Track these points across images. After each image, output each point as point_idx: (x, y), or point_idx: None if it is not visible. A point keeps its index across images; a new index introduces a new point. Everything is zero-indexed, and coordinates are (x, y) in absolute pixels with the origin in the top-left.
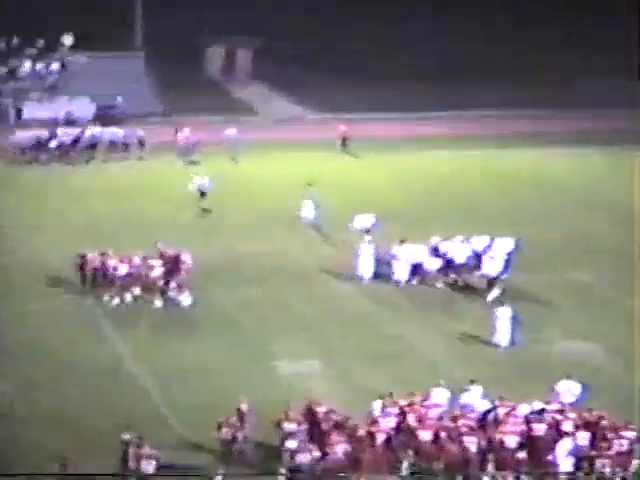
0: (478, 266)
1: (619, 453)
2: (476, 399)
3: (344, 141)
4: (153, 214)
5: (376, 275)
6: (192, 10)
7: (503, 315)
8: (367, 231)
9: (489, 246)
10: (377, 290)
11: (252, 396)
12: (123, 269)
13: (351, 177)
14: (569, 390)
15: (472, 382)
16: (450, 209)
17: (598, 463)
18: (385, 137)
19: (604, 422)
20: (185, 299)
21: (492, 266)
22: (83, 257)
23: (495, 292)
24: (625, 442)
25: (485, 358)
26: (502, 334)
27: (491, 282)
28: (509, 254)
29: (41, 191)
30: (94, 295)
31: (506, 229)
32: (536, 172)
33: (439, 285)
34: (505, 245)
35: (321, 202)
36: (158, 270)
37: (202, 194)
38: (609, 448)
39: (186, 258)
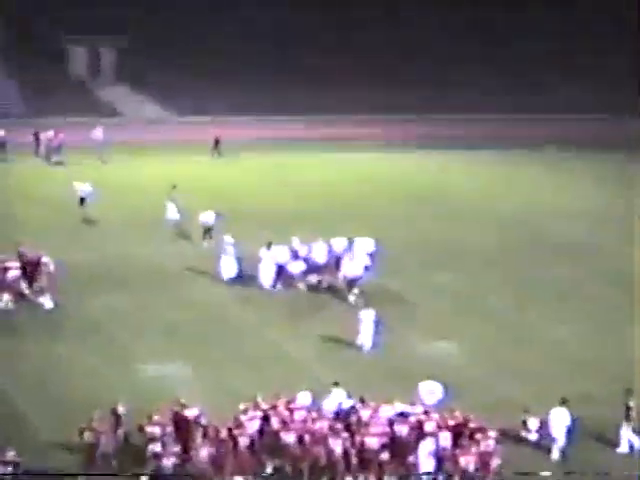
0: (339, 268)
1: (482, 453)
2: (339, 401)
3: (216, 143)
4: (19, 216)
5: (241, 277)
6: (53, 9)
7: (367, 318)
8: (209, 228)
9: (349, 248)
10: (243, 293)
11: (117, 399)
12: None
13: (220, 179)
14: (431, 391)
15: (336, 384)
16: (318, 211)
17: (463, 461)
18: (258, 139)
19: (469, 423)
20: (46, 302)
21: (352, 267)
22: None
23: (355, 292)
24: (490, 442)
25: (349, 361)
26: (365, 337)
27: (351, 283)
28: (370, 255)
29: None
30: None
31: (369, 232)
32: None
33: (301, 287)
34: (365, 246)
35: (189, 204)
36: (13, 272)
37: (82, 200)
38: (472, 447)
39: (46, 261)
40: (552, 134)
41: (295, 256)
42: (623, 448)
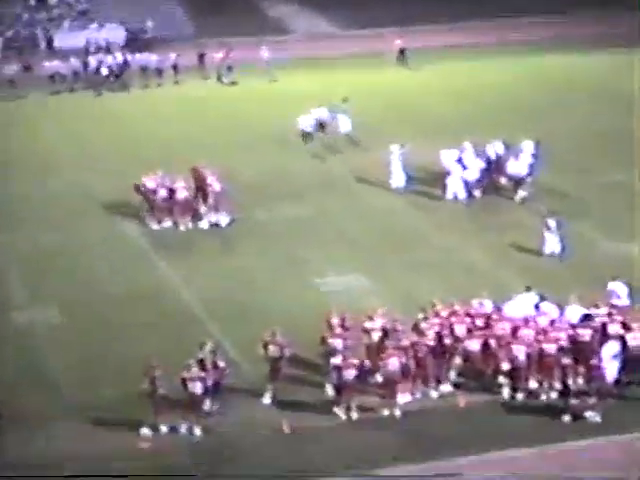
0: (502, 170)
1: None
2: (528, 307)
3: (401, 53)
4: (200, 138)
5: (411, 185)
6: None
7: (552, 225)
8: (322, 124)
9: (513, 149)
10: (415, 201)
11: (296, 313)
12: (162, 193)
13: (394, 90)
14: (616, 292)
15: (528, 289)
16: (487, 117)
17: None
18: (429, 48)
19: None
20: (222, 219)
21: (517, 167)
22: (140, 184)
23: (522, 194)
24: None
25: (531, 266)
26: (553, 243)
27: (518, 184)
28: (533, 155)
29: (79, 118)
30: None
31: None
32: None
33: (477, 194)
34: (528, 147)
35: (360, 115)
36: (182, 193)
37: (322, 126)
38: None
39: (211, 180)
40: None
41: (469, 161)
42: None
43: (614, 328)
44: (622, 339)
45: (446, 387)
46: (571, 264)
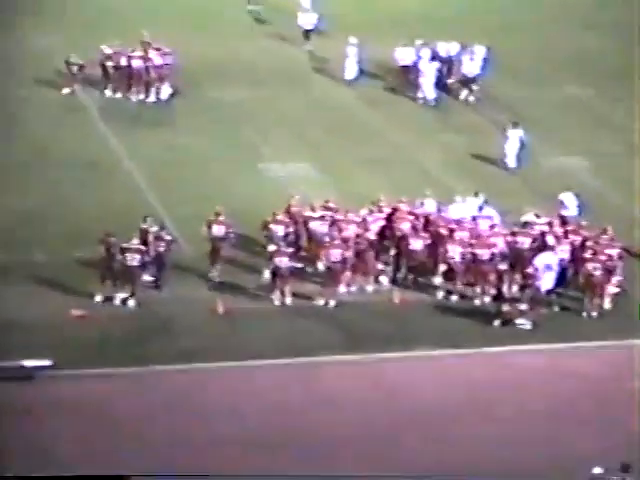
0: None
1: (606, 262)
2: (470, 210)
3: None
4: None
5: (364, 78)
6: None
7: (513, 136)
8: (308, 31)
9: (466, 50)
10: (367, 94)
11: (241, 196)
12: (122, 61)
13: None
14: (565, 202)
15: (476, 194)
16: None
17: (589, 266)
18: None
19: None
20: (164, 90)
21: (470, 66)
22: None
23: (466, 93)
24: (614, 253)
25: (482, 173)
26: (511, 155)
27: (466, 83)
28: (484, 59)
29: None
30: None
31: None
32: None
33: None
34: (480, 51)
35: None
36: (137, 62)
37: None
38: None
39: (154, 54)
40: None
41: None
42: None
43: (551, 239)
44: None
45: (383, 282)
46: (522, 174)
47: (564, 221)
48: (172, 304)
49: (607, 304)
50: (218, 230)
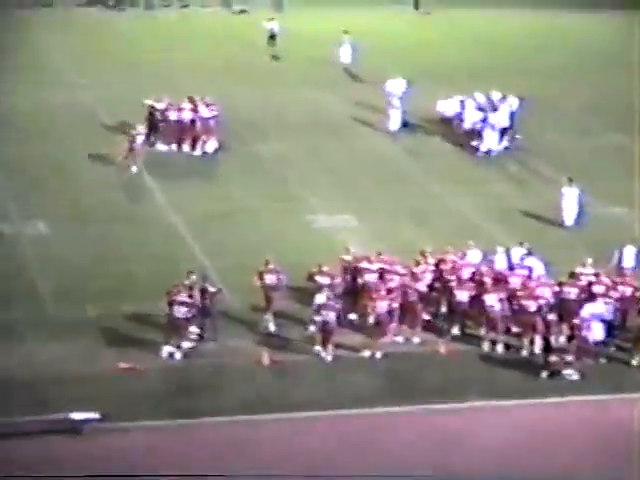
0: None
1: None
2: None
3: None
4: (213, 61)
5: (407, 129)
6: None
7: (570, 194)
8: (273, 35)
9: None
10: (409, 145)
11: (288, 248)
12: (173, 116)
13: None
14: (625, 254)
15: (521, 244)
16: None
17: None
18: None
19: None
20: (210, 145)
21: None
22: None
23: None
24: None
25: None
26: (568, 213)
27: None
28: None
29: (93, 34)
30: None
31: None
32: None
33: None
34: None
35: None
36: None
37: (272, 37)
38: None
39: (203, 108)
40: None
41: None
42: None
43: (599, 288)
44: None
45: (430, 334)
46: (573, 229)
47: (620, 273)
48: (218, 356)
49: None
50: (270, 279)
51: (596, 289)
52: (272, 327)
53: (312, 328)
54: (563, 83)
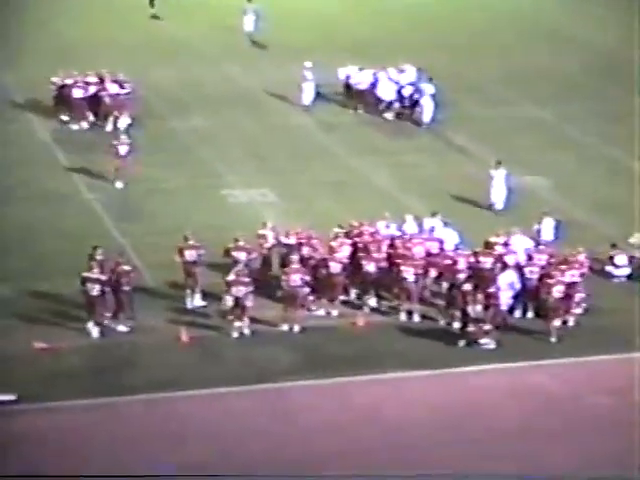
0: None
1: (568, 283)
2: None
3: None
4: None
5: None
6: None
7: (498, 176)
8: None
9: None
10: (324, 118)
11: (206, 223)
12: (78, 94)
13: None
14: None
15: (434, 214)
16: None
17: (552, 288)
18: None
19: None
20: (123, 120)
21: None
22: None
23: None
24: (575, 272)
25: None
26: (497, 196)
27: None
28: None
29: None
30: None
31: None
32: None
33: (389, 116)
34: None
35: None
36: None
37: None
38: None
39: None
40: None
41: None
42: None
43: (510, 258)
44: (521, 270)
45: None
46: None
47: (537, 243)
48: (135, 332)
49: (571, 322)
50: (190, 255)
51: (507, 259)
52: (198, 302)
53: (228, 303)
54: (476, 56)
